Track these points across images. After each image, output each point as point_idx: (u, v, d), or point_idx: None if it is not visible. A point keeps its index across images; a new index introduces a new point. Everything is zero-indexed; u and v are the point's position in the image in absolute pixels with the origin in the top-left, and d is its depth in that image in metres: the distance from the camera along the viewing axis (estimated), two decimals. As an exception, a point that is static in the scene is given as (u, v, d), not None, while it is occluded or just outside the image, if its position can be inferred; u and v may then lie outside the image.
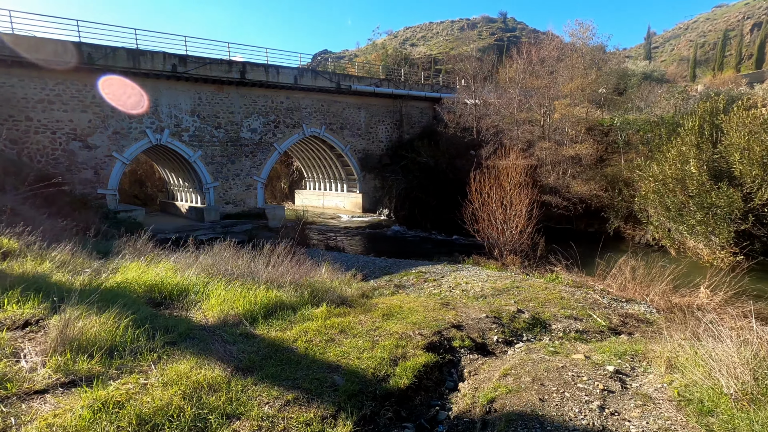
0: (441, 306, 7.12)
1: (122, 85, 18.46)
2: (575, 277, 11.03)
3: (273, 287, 5.68)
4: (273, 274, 6.09)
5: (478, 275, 10.90)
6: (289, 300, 5.35)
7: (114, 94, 18.46)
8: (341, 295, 6.33)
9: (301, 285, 6.13)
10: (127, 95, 18.84)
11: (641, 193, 16.52)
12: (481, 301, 8.64)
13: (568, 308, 8.31)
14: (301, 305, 5.33)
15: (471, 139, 23.58)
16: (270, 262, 6.86)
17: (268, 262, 6.88)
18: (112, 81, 18.19)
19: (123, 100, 18.77)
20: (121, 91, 18.62)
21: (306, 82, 24.21)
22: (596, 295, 9.51)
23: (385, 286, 10.08)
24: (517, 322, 7.11)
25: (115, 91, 18.48)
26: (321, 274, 7.59)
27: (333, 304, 5.78)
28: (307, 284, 6.19)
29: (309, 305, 5.43)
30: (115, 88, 18.41)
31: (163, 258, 7.13)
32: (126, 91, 18.76)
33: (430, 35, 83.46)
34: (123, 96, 18.75)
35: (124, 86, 18.56)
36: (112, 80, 18.18)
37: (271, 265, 6.53)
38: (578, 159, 20.43)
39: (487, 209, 13.65)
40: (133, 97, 19.00)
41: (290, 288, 5.77)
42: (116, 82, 18.29)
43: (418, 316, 5.96)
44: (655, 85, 33.19)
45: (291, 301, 5.34)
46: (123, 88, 18.57)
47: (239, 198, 23.04)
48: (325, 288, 6.38)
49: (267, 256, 7.70)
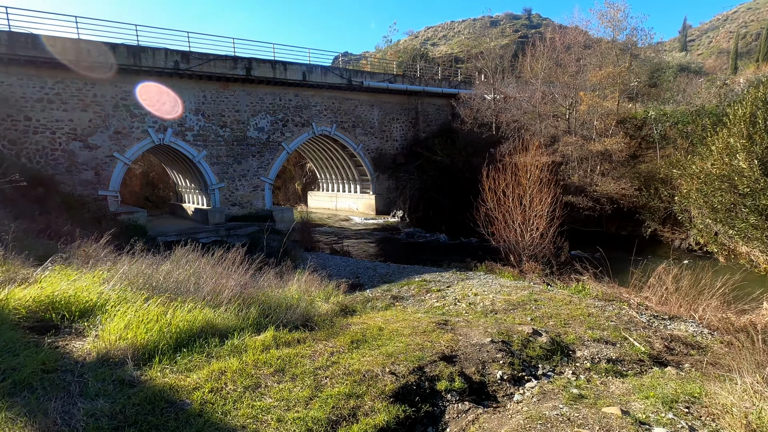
0: (435, 327, 5.76)
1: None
2: (606, 288, 9.43)
3: (211, 305, 4.47)
4: (219, 286, 4.89)
5: (490, 285, 9.45)
6: (223, 323, 4.12)
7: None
8: (305, 314, 5.06)
9: (254, 301, 4.90)
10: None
11: (682, 192, 14.62)
12: (489, 318, 7.22)
13: (597, 328, 6.80)
14: (238, 330, 4.10)
15: (489, 135, 22.02)
16: (223, 271, 5.67)
17: (217, 272, 5.69)
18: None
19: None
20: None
21: (315, 78, 23.22)
22: (632, 311, 7.93)
23: (381, 297, 8.78)
24: (531, 349, 5.67)
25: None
26: (292, 286, 6.36)
27: (288, 327, 4.52)
28: (261, 300, 4.96)
29: (250, 330, 4.19)
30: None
31: (109, 265, 6.06)
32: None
33: (452, 34, 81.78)
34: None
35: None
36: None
37: (224, 276, 5.34)
38: (608, 155, 18.57)
39: (503, 210, 12.16)
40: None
41: (233, 306, 4.54)
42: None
43: (399, 343, 4.63)
44: (693, 77, 30.69)
45: (225, 325, 4.11)
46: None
47: (246, 199, 22.20)
48: (286, 304, 5.13)
49: (232, 264, 6.54)
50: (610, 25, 18.63)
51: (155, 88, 18.67)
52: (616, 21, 18.58)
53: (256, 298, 5.09)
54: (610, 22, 18.62)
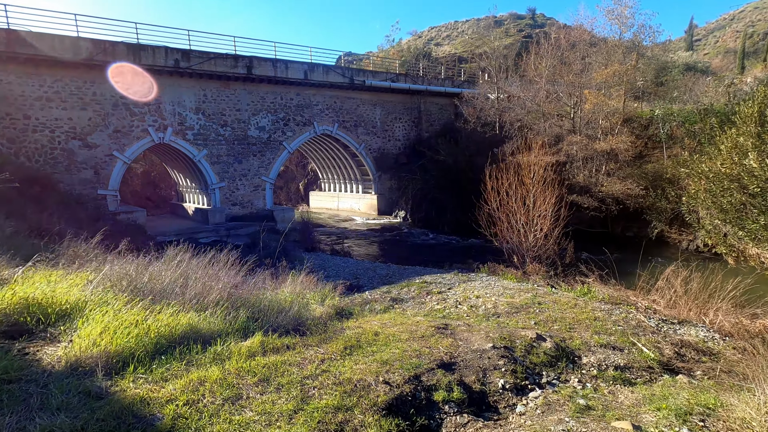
0: (434, 331, 5.51)
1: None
2: (612, 290, 9.14)
3: (197, 308, 4.24)
4: (207, 288, 4.66)
5: (493, 287, 9.18)
6: (208, 328, 3.89)
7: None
8: (297, 317, 4.83)
9: (243, 304, 4.67)
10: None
11: (690, 192, 14.28)
12: (491, 322, 6.96)
13: (604, 333, 6.54)
14: (224, 335, 3.87)
15: (493, 134, 21.73)
16: (213, 272, 5.45)
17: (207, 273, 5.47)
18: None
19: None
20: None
21: (317, 77, 23.02)
22: (640, 314, 7.65)
23: (380, 299, 8.53)
24: (535, 355, 5.42)
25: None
26: (285, 288, 6.12)
27: (278, 332, 4.29)
28: (251, 303, 4.73)
29: (237, 335, 3.95)
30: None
31: (96, 266, 5.85)
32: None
33: (455, 34, 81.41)
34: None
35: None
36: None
37: (213, 278, 5.11)
38: (613, 155, 18.24)
39: (506, 210, 11.88)
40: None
41: (221, 309, 4.31)
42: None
43: (395, 349, 4.39)
44: (700, 77, 30.28)
45: (210, 330, 3.88)
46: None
47: (246, 199, 22.02)
48: (278, 308, 4.90)
49: (224, 265, 6.32)
50: (618, 21, 18.32)
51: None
52: (623, 18, 18.26)
53: (246, 300, 4.86)
54: (618, 19, 18.31)
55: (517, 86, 22.09)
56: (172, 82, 19.22)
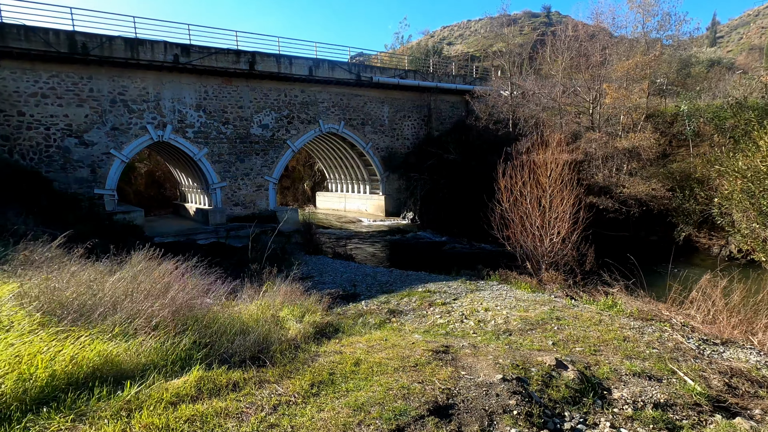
0: (431, 356, 4.57)
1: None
2: (641, 303, 8.05)
3: (126, 333, 3.37)
4: (148, 305, 3.80)
5: (504, 298, 8.18)
6: (132, 360, 3.02)
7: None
8: (261, 341, 3.93)
9: (195, 324, 3.79)
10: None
11: (723, 192, 13.03)
12: (502, 342, 5.97)
13: (636, 357, 5.51)
14: (154, 370, 2.99)
15: (506, 132, 20.64)
16: (174, 282, 4.58)
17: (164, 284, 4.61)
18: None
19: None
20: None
21: (322, 73, 22.21)
22: (676, 333, 6.57)
23: (377, 311, 7.60)
24: (554, 388, 4.44)
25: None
26: (257, 301, 5.24)
27: (230, 362, 3.40)
28: (206, 323, 3.85)
29: (172, 369, 3.07)
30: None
31: (44, 272, 5.05)
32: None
33: (468, 33, 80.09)
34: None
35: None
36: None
37: (161, 292, 4.24)
38: (635, 153, 17.01)
39: (519, 211, 10.85)
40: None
41: (160, 333, 3.44)
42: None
43: (377, 386, 3.46)
44: (726, 72, 28.69)
45: (136, 363, 3.00)
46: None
47: (249, 199, 21.31)
48: (240, 328, 4.01)
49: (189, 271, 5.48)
50: (641, 10, 17.11)
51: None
52: (646, 5, 17.04)
53: (199, 320, 3.99)
54: (641, 7, 17.10)
55: (532, 81, 20.96)
56: (171, 78, 18.61)
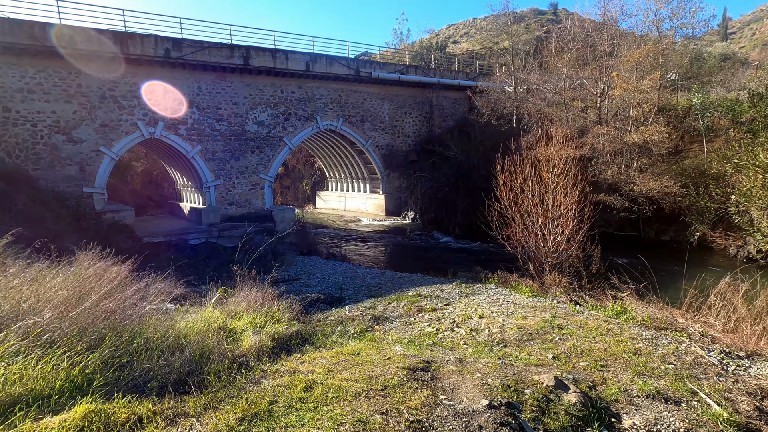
0: (407, 375, 3.88)
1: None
2: (654, 309, 7.28)
3: (22, 349, 2.72)
4: (54, 316, 3.14)
5: (502, 303, 7.45)
6: (5, 391, 2.36)
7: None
8: (197, 358, 3.26)
9: (114, 338, 3.13)
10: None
11: (741, 189, 12.19)
12: (494, 355, 5.25)
13: (650, 375, 4.76)
14: (38, 400, 2.33)
15: (509, 128, 19.86)
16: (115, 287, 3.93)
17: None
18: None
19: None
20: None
21: (320, 68, 21.59)
22: (696, 345, 5.81)
23: (359, 317, 6.91)
24: (552, 415, 3.75)
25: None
26: (205, 310, 4.58)
27: (147, 388, 2.73)
28: (128, 337, 3.19)
29: (54, 399, 2.41)
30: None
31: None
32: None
33: (474, 31, 78.98)
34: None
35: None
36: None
37: (84, 297, 3.59)
38: (646, 148, 16.15)
39: (521, 209, 10.09)
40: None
41: (59, 351, 2.78)
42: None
43: (327, 419, 2.76)
44: (740, 66, 27.59)
45: (13, 393, 2.34)
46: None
47: (244, 198, 20.73)
48: (174, 343, 3.35)
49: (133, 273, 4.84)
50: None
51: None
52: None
53: (122, 332, 3.33)
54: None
55: (536, 75, 20.12)
56: (163, 73, 18.07)
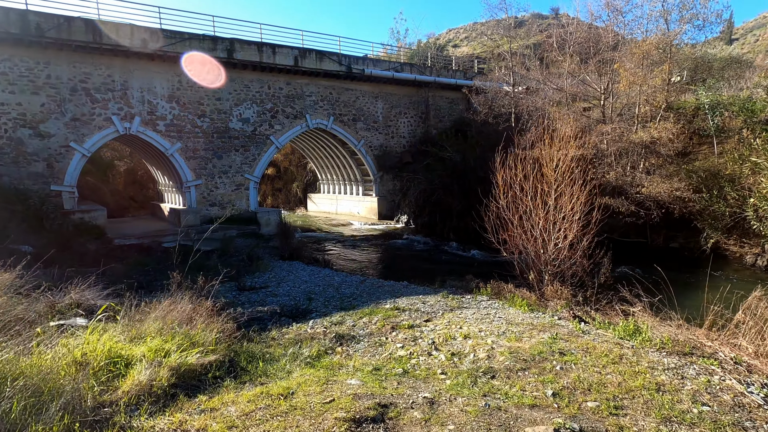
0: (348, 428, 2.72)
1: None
2: (672, 328, 6.10)
3: None
4: None
5: (493, 319, 6.29)
6: None
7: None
8: (10, 418, 2.12)
9: None
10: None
11: (760, 192, 11.07)
12: (479, 389, 4.09)
13: (680, 421, 3.57)
14: None
15: (507, 127, 18.76)
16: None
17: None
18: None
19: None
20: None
21: (309, 64, 20.56)
22: (730, 377, 4.64)
23: (321, 336, 5.75)
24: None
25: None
26: (96, 326, 3.45)
27: None
28: None
29: None
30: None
31: None
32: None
33: (474, 35, 78.30)
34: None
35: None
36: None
37: None
38: (653, 149, 15.06)
39: (519, 211, 8.97)
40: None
41: None
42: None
43: None
44: (747, 68, 26.59)
45: None
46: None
47: (227, 199, 19.62)
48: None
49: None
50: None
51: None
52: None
53: None
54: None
55: (536, 71, 19.09)
56: (141, 65, 17.04)
